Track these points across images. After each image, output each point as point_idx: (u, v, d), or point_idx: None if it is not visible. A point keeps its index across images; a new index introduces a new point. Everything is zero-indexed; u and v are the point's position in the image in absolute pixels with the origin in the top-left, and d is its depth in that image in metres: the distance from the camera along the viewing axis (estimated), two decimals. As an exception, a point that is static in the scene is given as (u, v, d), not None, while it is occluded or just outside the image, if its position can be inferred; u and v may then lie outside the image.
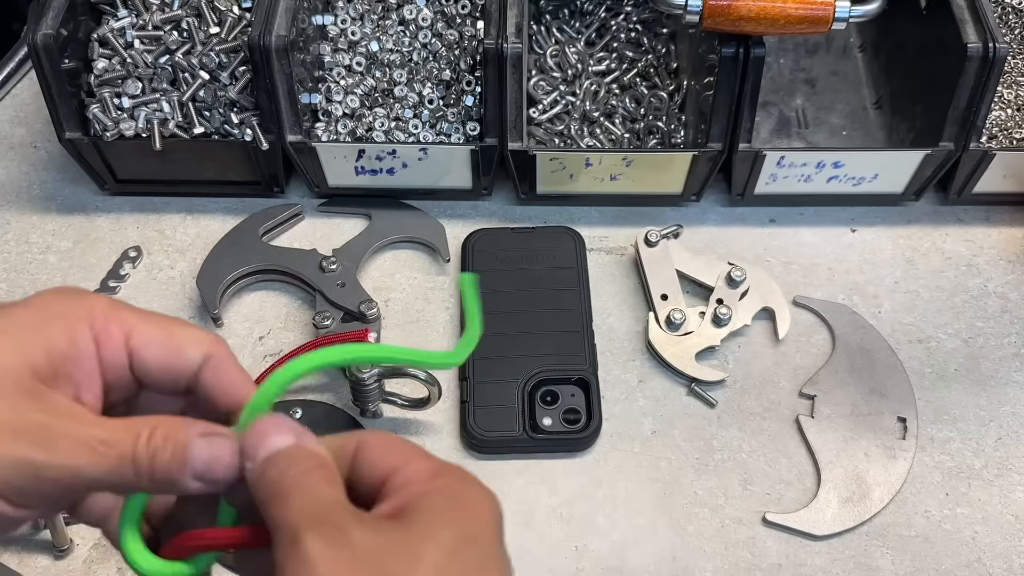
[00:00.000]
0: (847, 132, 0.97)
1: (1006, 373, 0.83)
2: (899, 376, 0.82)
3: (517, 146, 0.87)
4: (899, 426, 0.80)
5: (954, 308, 0.87)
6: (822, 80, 1.01)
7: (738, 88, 0.83)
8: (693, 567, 0.73)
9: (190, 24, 0.87)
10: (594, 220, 0.92)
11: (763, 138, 0.96)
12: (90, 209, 0.93)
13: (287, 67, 0.82)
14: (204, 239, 0.91)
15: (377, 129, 0.89)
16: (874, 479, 0.77)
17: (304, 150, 0.87)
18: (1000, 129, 0.90)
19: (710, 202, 0.94)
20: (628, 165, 0.87)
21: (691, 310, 0.84)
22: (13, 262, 0.90)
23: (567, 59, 0.96)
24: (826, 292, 0.88)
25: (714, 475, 0.77)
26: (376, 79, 0.91)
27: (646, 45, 0.97)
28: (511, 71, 0.83)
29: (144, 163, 0.89)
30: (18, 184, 0.95)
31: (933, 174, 0.89)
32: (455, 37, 0.92)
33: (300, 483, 0.36)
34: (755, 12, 0.78)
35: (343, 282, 0.84)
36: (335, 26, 0.92)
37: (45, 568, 0.73)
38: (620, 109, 0.94)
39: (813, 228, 0.92)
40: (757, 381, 0.82)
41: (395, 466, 0.38)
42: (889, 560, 0.74)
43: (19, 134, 0.99)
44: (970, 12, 0.83)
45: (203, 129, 0.87)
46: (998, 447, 0.79)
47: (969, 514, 0.76)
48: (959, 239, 0.91)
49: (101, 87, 0.87)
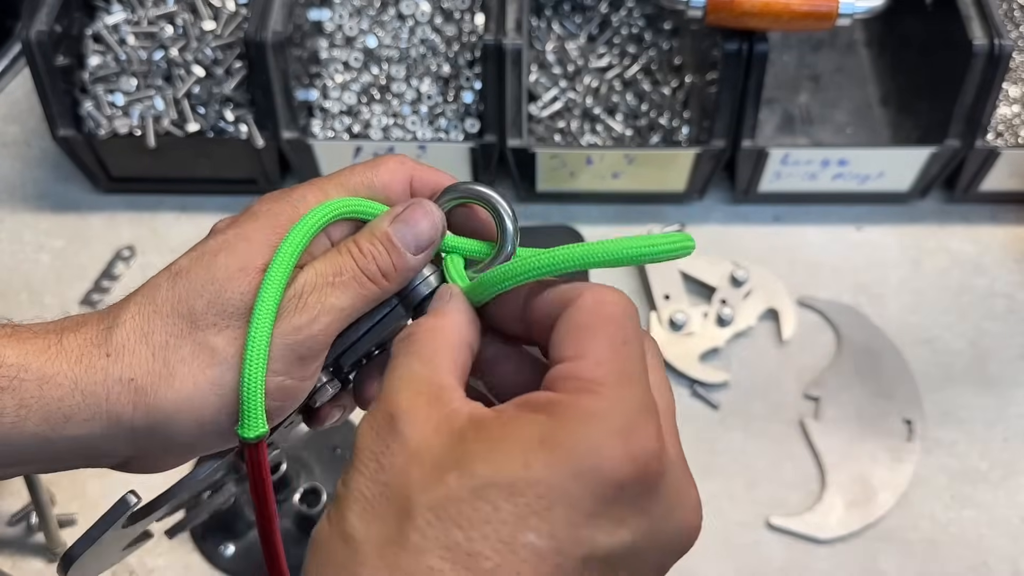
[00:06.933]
0: (852, 129, 0.96)
1: (1013, 374, 0.82)
2: (905, 377, 0.81)
3: (517, 143, 0.86)
4: (905, 428, 0.79)
5: (960, 308, 0.86)
6: (827, 77, 1.00)
7: (742, 85, 0.82)
8: (696, 571, 0.72)
9: (185, 20, 0.86)
10: (595, 218, 0.91)
11: (767, 135, 0.95)
12: (83, 207, 0.92)
13: (283, 63, 0.81)
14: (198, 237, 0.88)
15: (374, 126, 0.88)
16: (879, 482, 0.76)
17: (300, 147, 0.86)
18: (1006, 127, 0.89)
19: (713, 200, 0.93)
20: (630, 163, 0.86)
21: (694, 310, 0.83)
22: (6, 261, 0.89)
23: (568, 55, 0.95)
24: (831, 292, 0.86)
25: (718, 478, 0.76)
26: (373, 75, 0.90)
27: (648, 41, 0.96)
28: (511, 67, 0.82)
29: (138, 161, 0.88)
30: (11, 182, 0.94)
31: (939, 172, 0.88)
32: (454, 32, 0.90)
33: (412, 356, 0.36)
34: (759, 7, 0.77)
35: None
36: (332, 21, 0.90)
37: (39, 571, 0.72)
38: (622, 106, 0.93)
39: (818, 227, 0.91)
40: (761, 383, 0.81)
41: (569, 355, 0.34)
42: (895, 564, 0.73)
43: (12, 131, 0.98)
44: (976, 8, 0.83)
45: (198, 126, 0.86)
46: (1004, 449, 0.78)
47: (975, 517, 0.75)
48: (965, 238, 0.90)
49: (95, 84, 0.86)
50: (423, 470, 0.32)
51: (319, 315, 0.39)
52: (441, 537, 0.30)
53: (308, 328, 0.39)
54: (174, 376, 0.38)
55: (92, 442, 0.39)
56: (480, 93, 0.87)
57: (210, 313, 0.39)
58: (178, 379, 0.38)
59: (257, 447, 0.39)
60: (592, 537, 0.31)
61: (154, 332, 0.39)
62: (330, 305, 0.39)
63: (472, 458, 0.31)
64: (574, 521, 0.31)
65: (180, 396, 0.38)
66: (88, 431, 0.38)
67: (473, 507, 0.30)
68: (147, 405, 0.38)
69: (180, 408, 0.38)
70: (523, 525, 0.30)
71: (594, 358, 0.34)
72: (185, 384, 0.38)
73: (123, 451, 0.40)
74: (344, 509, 0.32)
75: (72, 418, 0.38)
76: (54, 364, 0.38)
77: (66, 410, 0.38)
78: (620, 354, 0.34)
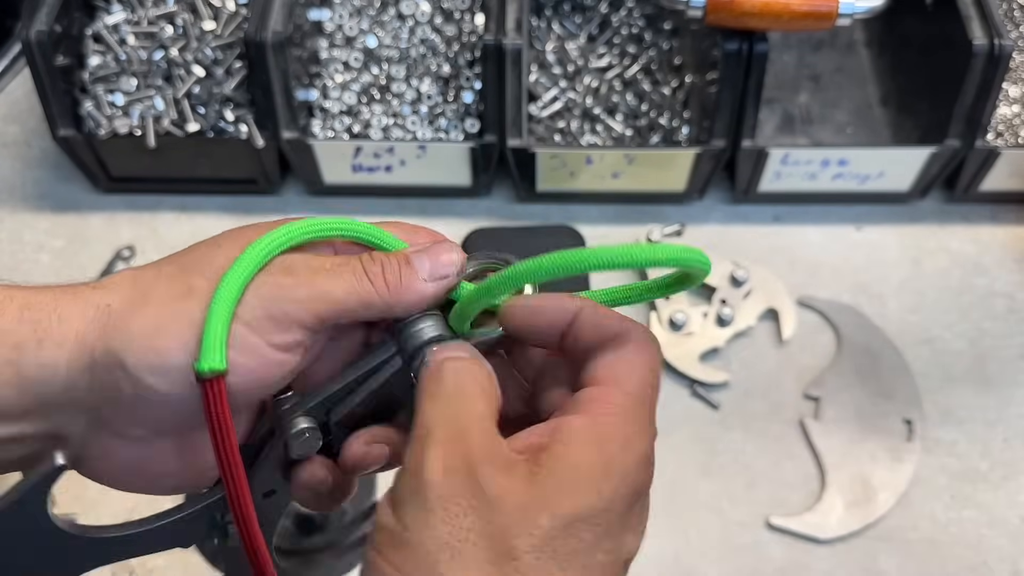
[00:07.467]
0: (852, 129, 0.96)
1: (1013, 374, 0.82)
2: (905, 377, 0.81)
3: (517, 143, 0.85)
4: (905, 428, 0.79)
5: (960, 308, 0.86)
6: (827, 77, 1.00)
7: (742, 85, 0.82)
8: (696, 571, 0.72)
9: (185, 20, 0.86)
10: (595, 218, 0.91)
11: (767, 135, 0.95)
12: (83, 207, 0.92)
13: (283, 63, 0.81)
14: (198, 238, 0.87)
15: (374, 126, 0.88)
16: (879, 482, 0.76)
17: (300, 147, 0.86)
18: (1006, 127, 0.89)
19: (713, 200, 0.93)
20: (630, 163, 0.86)
21: (694, 310, 0.83)
22: (6, 261, 0.89)
23: (568, 55, 0.95)
24: (831, 291, 0.86)
25: (717, 478, 0.76)
26: (373, 75, 0.90)
27: (648, 41, 0.96)
28: (511, 67, 0.82)
29: (138, 161, 0.88)
30: (11, 182, 0.94)
31: (939, 172, 0.88)
32: (454, 32, 0.90)
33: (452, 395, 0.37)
34: (759, 7, 0.77)
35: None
36: (332, 21, 0.90)
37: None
38: (622, 106, 0.93)
39: (818, 227, 0.91)
40: (761, 383, 0.81)
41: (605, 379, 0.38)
42: (895, 564, 0.73)
43: (12, 132, 0.98)
44: (976, 8, 0.83)
45: (198, 126, 0.86)
46: (1005, 449, 0.78)
47: (975, 517, 0.75)
48: (965, 238, 0.90)
49: (95, 84, 0.86)
50: (511, 514, 0.33)
51: (304, 286, 0.38)
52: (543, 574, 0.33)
53: (290, 291, 0.38)
54: (147, 303, 0.38)
55: (54, 381, 0.38)
56: (480, 93, 0.87)
57: (201, 264, 0.39)
58: (150, 306, 0.38)
59: (216, 387, 0.36)
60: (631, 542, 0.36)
61: (144, 274, 0.40)
62: (320, 285, 0.39)
63: (556, 497, 0.34)
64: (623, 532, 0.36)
65: (146, 321, 0.37)
66: (54, 359, 0.38)
67: (565, 542, 0.33)
68: (114, 327, 0.38)
69: (144, 332, 0.37)
70: (597, 547, 0.34)
71: (627, 389, 0.37)
72: (154, 310, 0.38)
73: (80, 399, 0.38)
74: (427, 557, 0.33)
75: (44, 341, 0.38)
76: (41, 294, 0.39)
77: (41, 333, 0.38)
78: (647, 392, 0.38)
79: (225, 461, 0.38)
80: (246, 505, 0.39)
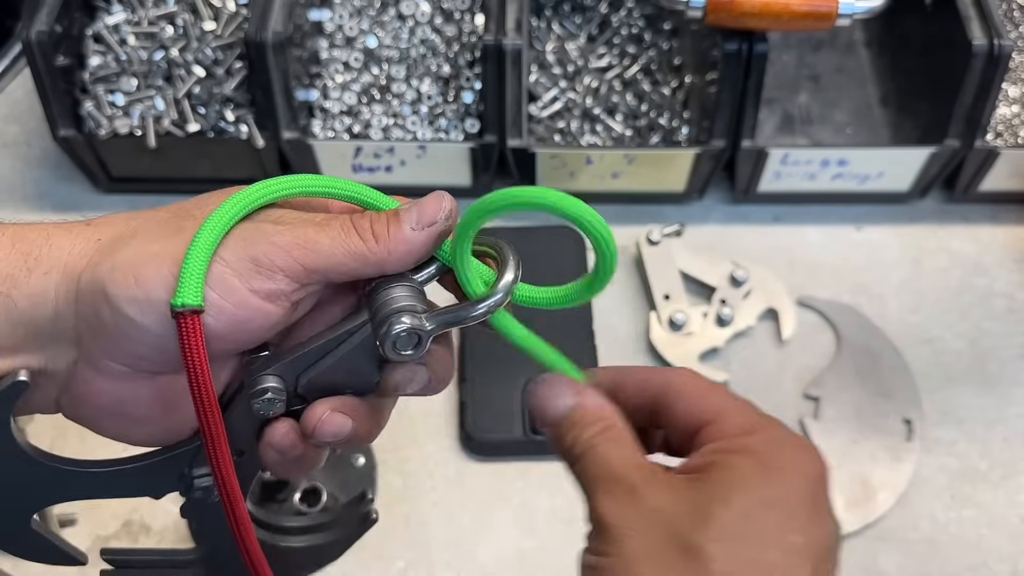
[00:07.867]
0: (852, 129, 0.96)
1: (1012, 374, 0.82)
2: (905, 377, 0.81)
3: (517, 143, 0.86)
4: (904, 428, 0.79)
5: (960, 308, 0.86)
6: (827, 77, 1.00)
7: (741, 85, 0.82)
8: (696, 571, 0.72)
9: (185, 20, 0.86)
10: (595, 219, 0.91)
11: (767, 135, 0.95)
12: (84, 207, 0.92)
13: (283, 63, 0.81)
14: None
15: (375, 126, 0.88)
16: (879, 481, 0.76)
17: (300, 148, 0.86)
18: (1006, 127, 0.89)
19: (713, 200, 0.93)
20: (630, 163, 0.86)
21: (694, 310, 0.83)
22: (6, 261, 0.89)
23: (568, 55, 0.95)
24: (831, 292, 0.86)
25: (717, 478, 0.76)
26: (373, 75, 0.90)
27: (648, 41, 0.96)
28: (511, 67, 0.82)
29: (138, 161, 0.88)
30: (11, 182, 0.94)
31: (939, 172, 0.88)
32: (454, 32, 0.90)
33: (588, 449, 0.38)
34: (758, 8, 0.77)
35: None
36: (332, 21, 0.90)
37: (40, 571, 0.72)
38: (622, 106, 0.93)
39: (818, 227, 0.91)
40: (761, 383, 0.81)
41: (707, 419, 0.39)
42: (894, 563, 0.73)
43: (12, 132, 0.98)
44: (975, 8, 0.83)
45: (198, 126, 0.86)
46: (1004, 449, 0.78)
47: (975, 517, 0.75)
48: (965, 238, 0.90)
49: (95, 84, 0.86)
50: (686, 516, 0.35)
51: (289, 233, 0.38)
52: (733, 557, 0.34)
53: (274, 235, 0.38)
54: (135, 239, 0.39)
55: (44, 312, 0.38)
56: (480, 93, 0.87)
57: (194, 209, 0.40)
58: (136, 240, 0.39)
59: (191, 323, 0.36)
60: (828, 529, 0.37)
61: (139, 215, 0.41)
62: (306, 234, 0.38)
63: (724, 491, 0.35)
64: (815, 514, 0.36)
65: (131, 252, 0.38)
66: (43, 288, 0.38)
67: (746, 526, 0.35)
68: (100, 257, 0.38)
69: (128, 263, 0.38)
70: (786, 528, 0.35)
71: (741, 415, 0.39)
72: (141, 244, 0.38)
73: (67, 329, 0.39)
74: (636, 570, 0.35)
75: (34, 270, 0.38)
76: (34, 228, 0.40)
77: (31, 262, 0.38)
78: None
79: (199, 400, 0.38)
80: (221, 444, 0.39)
